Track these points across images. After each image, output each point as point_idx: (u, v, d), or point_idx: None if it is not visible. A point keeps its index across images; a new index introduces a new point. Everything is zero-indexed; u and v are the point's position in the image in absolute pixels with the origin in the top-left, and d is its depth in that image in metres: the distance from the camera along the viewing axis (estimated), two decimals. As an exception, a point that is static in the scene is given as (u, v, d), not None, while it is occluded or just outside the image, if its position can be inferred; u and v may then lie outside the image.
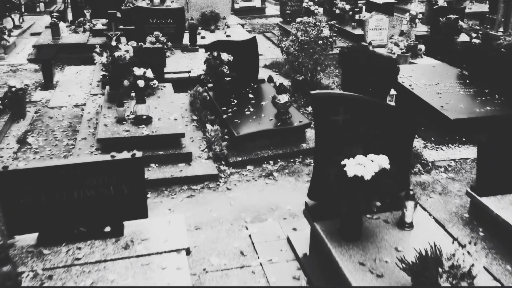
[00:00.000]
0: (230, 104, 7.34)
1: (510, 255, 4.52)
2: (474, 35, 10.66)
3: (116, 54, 7.05)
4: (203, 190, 5.74)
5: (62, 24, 11.92)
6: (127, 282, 3.56)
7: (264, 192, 5.74)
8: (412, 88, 8.00)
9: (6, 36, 11.55)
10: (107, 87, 7.70)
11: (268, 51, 12.29)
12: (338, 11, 13.95)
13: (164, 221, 4.30)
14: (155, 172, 5.97)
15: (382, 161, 3.80)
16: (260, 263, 4.45)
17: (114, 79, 7.30)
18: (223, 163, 6.34)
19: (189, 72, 9.36)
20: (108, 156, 3.94)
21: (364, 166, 3.73)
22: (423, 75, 8.59)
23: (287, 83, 9.38)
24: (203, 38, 11.89)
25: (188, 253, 3.99)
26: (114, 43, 7.18)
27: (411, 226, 4.17)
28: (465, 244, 3.34)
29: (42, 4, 16.94)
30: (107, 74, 7.30)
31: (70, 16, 14.05)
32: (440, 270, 3.19)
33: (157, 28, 10.59)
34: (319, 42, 8.46)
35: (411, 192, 4.11)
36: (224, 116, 6.98)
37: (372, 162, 3.77)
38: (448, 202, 5.51)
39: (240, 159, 6.38)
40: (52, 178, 3.82)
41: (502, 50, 8.37)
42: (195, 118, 7.60)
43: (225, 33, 12.65)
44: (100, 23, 12.33)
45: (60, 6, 16.34)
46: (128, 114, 6.61)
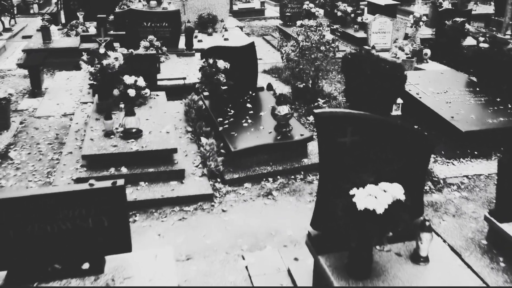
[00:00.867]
0: (226, 114, 6.89)
1: (535, 290, 4.08)
2: (482, 39, 10.19)
3: (105, 62, 6.57)
4: (196, 212, 5.28)
5: (54, 28, 11.44)
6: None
7: (263, 214, 5.27)
8: (420, 97, 7.55)
9: (-6, 40, 11.13)
10: (95, 97, 7.23)
11: (268, 55, 11.81)
12: (339, 14, 13.54)
13: (150, 255, 3.84)
14: (145, 191, 5.51)
15: (396, 191, 3.35)
16: (258, 301, 3.99)
17: (103, 89, 6.83)
18: (219, 180, 5.89)
19: (184, 78, 8.89)
20: (86, 185, 3.49)
21: (375, 197, 3.28)
22: (430, 82, 8.13)
23: (287, 90, 8.93)
24: (200, 41, 11.48)
25: (176, 292, 3.55)
26: (102, 50, 6.67)
27: (426, 260, 3.72)
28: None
29: (35, 6, 16.49)
30: (94, 83, 6.82)
31: (63, 19, 13.57)
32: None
33: (151, 32, 10.12)
34: (321, 48, 8.01)
35: (427, 222, 3.66)
36: (220, 128, 6.53)
37: (385, 192, 3.33)
38: (464, 226, 5.04)
39: (237, 176, 5.92)
40: (22, 210, 3.36)
41: (514, 55, 7.94)
42: (190, 129, 7.13)
43: (223, 36, 12.19)
44: (93, 26, 11.80)
45: (53, 8, 15.86)
46: (116, 127, 6.15)
